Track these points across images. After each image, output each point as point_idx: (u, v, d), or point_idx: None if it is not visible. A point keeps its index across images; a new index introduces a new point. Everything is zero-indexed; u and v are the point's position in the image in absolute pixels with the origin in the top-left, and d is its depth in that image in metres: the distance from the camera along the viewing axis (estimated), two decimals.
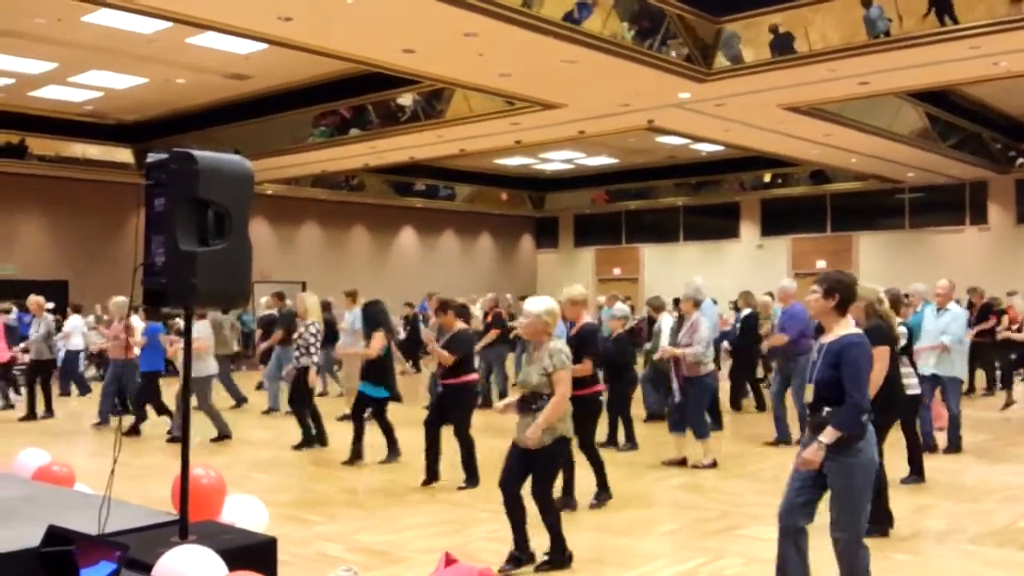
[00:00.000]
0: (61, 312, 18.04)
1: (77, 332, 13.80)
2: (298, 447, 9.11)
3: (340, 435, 9.36)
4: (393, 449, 8.42)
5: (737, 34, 11.28)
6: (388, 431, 8.45)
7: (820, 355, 4.04)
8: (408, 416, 10.95)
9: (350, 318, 11.13)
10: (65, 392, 14.26)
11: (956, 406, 8.57)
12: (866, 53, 10.46)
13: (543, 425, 4.80)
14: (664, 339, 10.70)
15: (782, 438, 9.04)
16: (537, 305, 5.09)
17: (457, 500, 6.89)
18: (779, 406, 9.17)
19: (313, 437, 9.23)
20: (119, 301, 10.69)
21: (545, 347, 4.98)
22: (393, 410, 8.67)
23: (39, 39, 12.30)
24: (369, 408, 8.46)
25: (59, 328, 17.40)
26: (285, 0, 9.05)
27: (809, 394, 4.14)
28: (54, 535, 2.77)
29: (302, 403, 9.19)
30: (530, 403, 4.91)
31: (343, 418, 10.69)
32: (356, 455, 8.31)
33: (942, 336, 8.31)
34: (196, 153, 3.59)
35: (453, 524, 6.16)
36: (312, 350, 8.98)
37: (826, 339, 4.07)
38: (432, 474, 7.39)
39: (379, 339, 8.36)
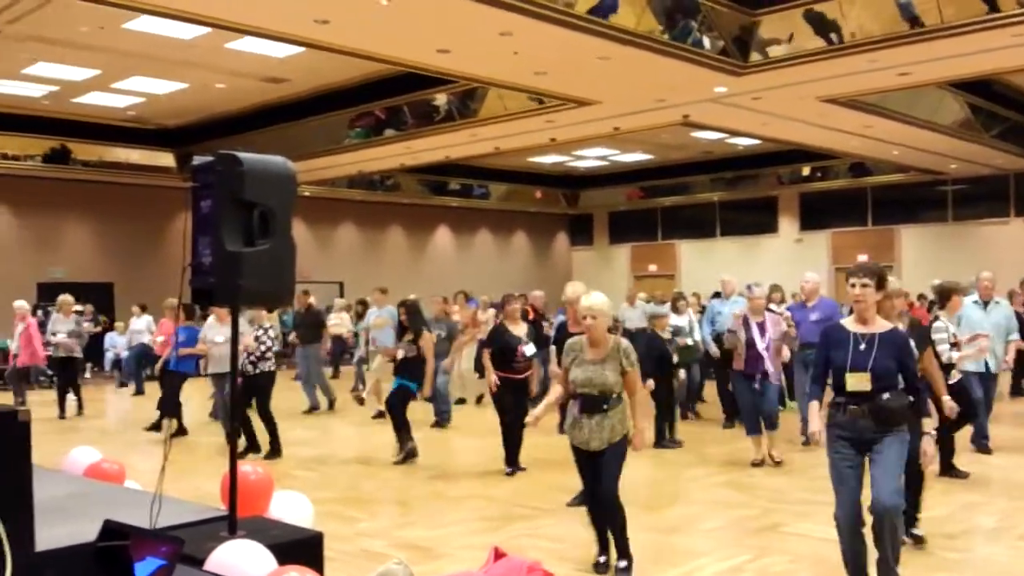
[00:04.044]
0: (107, 313, 18.48)
1: (145, 331, 14.32)
2: (242, 454, 8.63)
3: (379, 434, 9.40)
4: (405, 445, 8.37)
5: (773, 27, 11.17)
6: (404, 425, 8.43)
7: (868, 344, 4.18)
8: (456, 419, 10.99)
9: (380, 313, 11.45)
10: (139, 391, 14.64)
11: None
12: (906, 43, 10.29)
13: (646, 426, 4.78)
14: (697, 334, 10.72)
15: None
16: (600, 301, 4.93)
17: (497, 497, 6.92)
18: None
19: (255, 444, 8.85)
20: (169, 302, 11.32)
21: (614, 344, 4.87)
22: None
23: (82, 47, 12.53)
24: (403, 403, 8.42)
25: (105, 328, 17.80)
26: (321, 3, 9.12)
27: (858, 381, 4.15)
28: (110, 530, 2.83)
29: (259, 409, 8.90)
30: (600, 404, 4.78)
31: (378, 416, 10.79)
32: (411, 453, 8.31)
33: (1011, 336, 8.23)
34: (241, 155, 3.63)
35: (494, 521, 6.19)
36: (268, 355, 8.83)
37: (871, 329, 4.23)
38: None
39: (431, 339, 8.49)
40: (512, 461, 7.76)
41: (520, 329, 7.84)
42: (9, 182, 17.60)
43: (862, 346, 4.18)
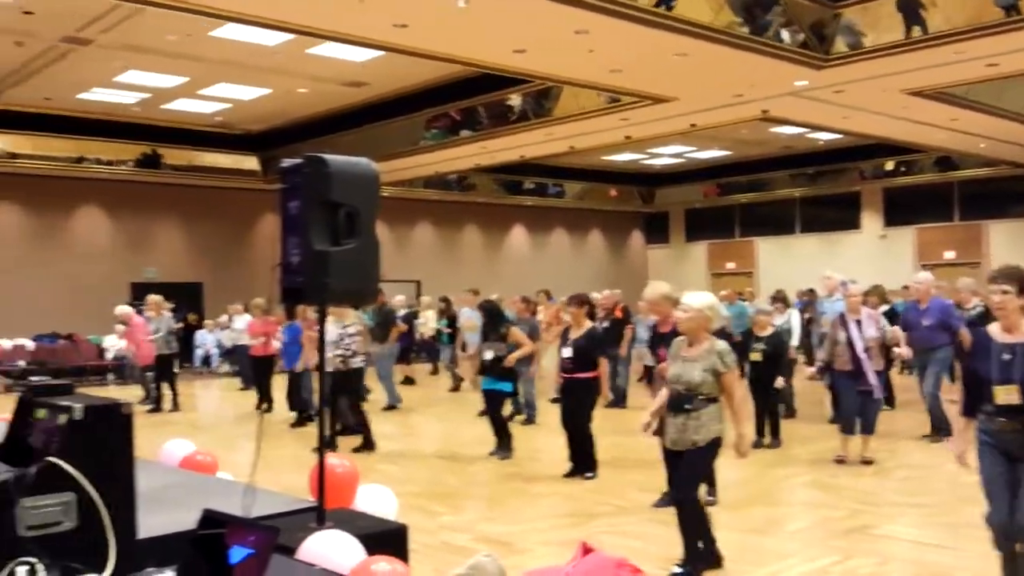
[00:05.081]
0: (197, 312, 19.12)
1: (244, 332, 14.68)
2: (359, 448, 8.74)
3: (466, 430, 9.50)
4: (505, 445, 8.42)
5: (856, 19, 10.90)
6: (503, 426, 8.51)
7: (1012, 354, 3.87)
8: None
9: (469, 315, 11.45)
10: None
11: None
12: (994, 33, 9.93)
13: (748, 434, 4.80)
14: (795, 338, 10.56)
15: (945, 430, 8.60)
16: (698, 300, 4.81)
17: (578, 494, 6.93)
18: (935, 400, 8.93)
19: (371, 439, 8.95)
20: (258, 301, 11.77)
21: (709, 345, 4.73)
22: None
23: (171, 55, 12.99)
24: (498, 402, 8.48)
25: (190, 326, 18.36)
26: (400, 7, 9.27)
27: (1007, 394, 3.87)
28: (208, 519, 2.94)
29: (353, 404, 9.14)
30: (683, 402, 4.68)
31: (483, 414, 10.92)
32: (504, 449, 8.39)
33: None
34: (327, 157, 3.73)
35: (575, 517, 6.21)
36: (356, 351, 8.91)
37: (1016, 337, 3.91)
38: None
39: (521, 334, 8.53)
40: (578, 465, 7.53)
41: (580, 330, 7.60)
42: (104, 186, 18.37)
43: (1006, 355, 3.87)
